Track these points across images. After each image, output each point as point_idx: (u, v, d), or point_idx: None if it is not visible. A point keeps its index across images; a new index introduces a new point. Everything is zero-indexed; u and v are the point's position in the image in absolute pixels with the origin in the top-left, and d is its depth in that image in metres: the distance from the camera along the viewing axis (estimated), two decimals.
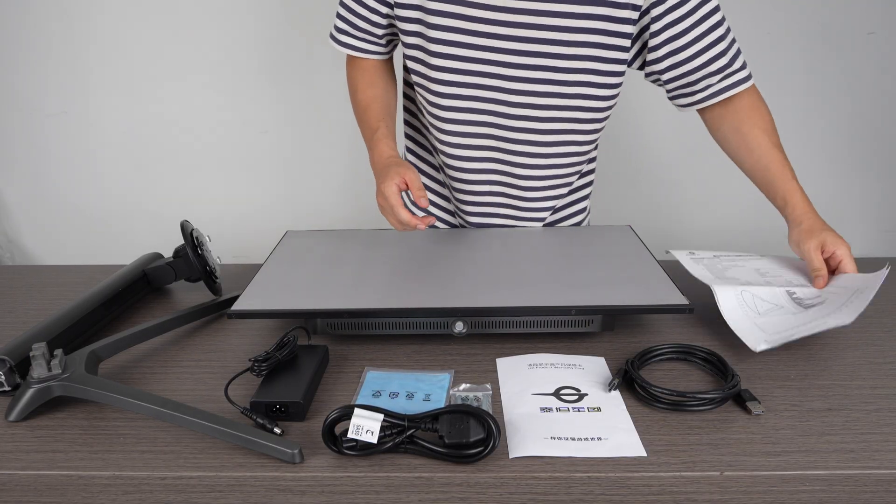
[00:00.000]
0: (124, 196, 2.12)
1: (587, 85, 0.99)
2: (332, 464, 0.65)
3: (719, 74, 1.00)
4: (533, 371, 0.80)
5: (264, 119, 2.01)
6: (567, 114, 1.02)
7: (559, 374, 0.79)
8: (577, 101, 1.00)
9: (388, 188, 0.94)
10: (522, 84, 0.99)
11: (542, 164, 1.07)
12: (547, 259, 0.98)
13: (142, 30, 1.92)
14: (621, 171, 2.01)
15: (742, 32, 1.86)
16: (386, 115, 1.09)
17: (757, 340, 0.79)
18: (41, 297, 1.05)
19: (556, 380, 0.78)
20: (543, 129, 1.03)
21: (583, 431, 0.68)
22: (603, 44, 0.96)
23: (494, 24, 0.95)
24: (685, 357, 0.82)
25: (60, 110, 2.02)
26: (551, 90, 0.99)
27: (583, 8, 0.93)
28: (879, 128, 1.96)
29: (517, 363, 0.82)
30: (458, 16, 0.95)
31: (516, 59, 0.97)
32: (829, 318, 0.81)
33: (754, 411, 0.71)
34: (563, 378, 0.78)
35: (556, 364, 0.81)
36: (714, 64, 0.99)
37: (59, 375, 0.73)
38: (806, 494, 0.62)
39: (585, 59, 0.96)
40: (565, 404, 0.73)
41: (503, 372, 0.80)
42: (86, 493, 0.64)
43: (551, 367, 0.81)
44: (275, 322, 0.94)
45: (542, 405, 0.73)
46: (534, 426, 0.70)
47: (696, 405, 0.72)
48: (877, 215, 2.07)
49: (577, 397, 0.74)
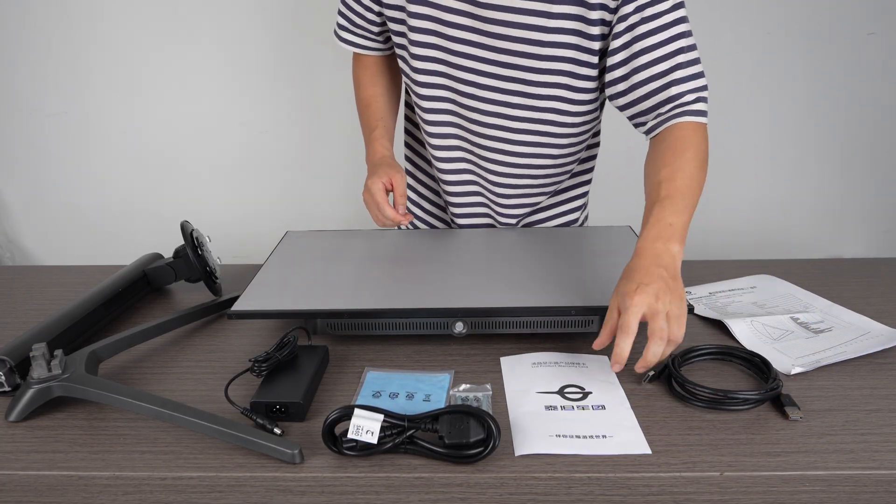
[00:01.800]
0: (124, 196, 2.12)
1: (560, 100, 0.97)
2: (332, 464, 0.65)
3: (670, 103, 0.90)
4: (537, 370, 0.80)
5: (264, 119, 2.01)
6: (539, 127, 1.01)
7: (563, 372, 0.79)
8: (550, 115, 0.99)
9: (374, 185, 1.00)
10: (494, 94, 0.98)
11: (515, 174, 1.07)
12: (547, 259, 0.98)
13: (142, 30, 1.92)
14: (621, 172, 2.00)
15: (742, 32, 1.87)
16: (385, 114, 1.11)
17: (786, 365, 0.80)
18: (41, 297, 1.05)
19: (560, 378, 0.78)
20: (515, 139, 1.02)
21: (588, 429, 0.69)
22: (576, 59, 0.93)
23: (470, 32, 0.94)
24: (726, 358, 0.82)
25: (60, 110, 2.02)
26: (523, 102, 0.98)
27: (556, 22, 0.90)
28: (879, 128, 1.96)
29: (521, 362, 0.82)
30: (435, 19, 0.94)
31: (489, 68, 0.96)
32: (860, 345, 0.83)
33: (791, 416, 0.70)
34: (568, 377, 0.78)
35: (560, 363, 0.81)
36: (667, 80, 0.89)
37: (59, 376, 0.73)
38: (806, 495, 0.62)
39: (558, 74, 0.95)
40: (570, 402, 0.73)
41: (507, 370, 0.80)
42: (86, 494, 0.64)
43: (555, 366, 0.81)
44: (275, 322, 0.94)
45: (546, 403, 0.73)
46: (538, 424, 0.70)
47: (736, 405, 0.72)
48: (877, 215, 2.07)
49: (581, 395, 0.75)
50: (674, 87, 0.89)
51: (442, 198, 1.19)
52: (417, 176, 1.21)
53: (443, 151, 1.08)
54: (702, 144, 0.87)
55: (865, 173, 2.02)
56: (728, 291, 1.01)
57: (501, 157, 1.05)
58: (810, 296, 0.98)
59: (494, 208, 1.13)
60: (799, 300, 0.97)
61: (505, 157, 1.05)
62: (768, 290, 1.01)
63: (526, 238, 1.08)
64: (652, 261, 0.75)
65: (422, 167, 1.20)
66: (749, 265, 1.10)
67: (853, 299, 0.96)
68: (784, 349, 0.83)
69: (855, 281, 1.04)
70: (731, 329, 0.88)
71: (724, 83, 1.92)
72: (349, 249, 1.03)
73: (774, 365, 0.78)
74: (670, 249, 0.76)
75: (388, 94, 1.13)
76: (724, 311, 0.94)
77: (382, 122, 1.09)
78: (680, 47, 0.88)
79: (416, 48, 0.97)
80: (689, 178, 0.83)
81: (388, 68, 1.14)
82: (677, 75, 0.89)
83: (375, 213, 1.02)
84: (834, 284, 1.02)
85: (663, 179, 0.82)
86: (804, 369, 0.78)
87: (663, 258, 0.75)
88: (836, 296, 0.97)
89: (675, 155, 0.85)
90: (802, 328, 0.88)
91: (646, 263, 0.75)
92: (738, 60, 1.86)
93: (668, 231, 0.77)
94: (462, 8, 0.92)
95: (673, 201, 0.80)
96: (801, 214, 2.05)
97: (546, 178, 1.09)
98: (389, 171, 1.02)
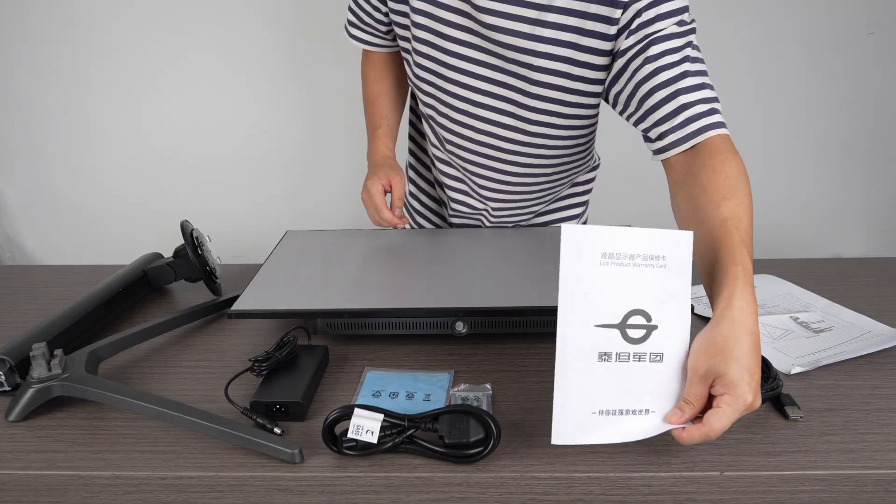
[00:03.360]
0: (124, 196, 2.12)
1: (553, 114, 0.95)
2: (332, 464, 0.65)
3: (684, 112, 0.79)
4: (606, 269, 0.61)
5: (264, 119, 2.01)
6: (532, 139, 0.98)
7: (635, 278, 0.62)
8: (543, 128, 0.97)
9: (373, 186, 1.03)
10: (487, 98, 0.95)
11: (506, 182, 1.06)
12: (548, 259, 0.98)
13: (142, 30, 1.92)
14: (621, 171, 2.00)
15: (742, 32, 1.87)
16: (390, 112, 1.11)
17: (786, 364, 0.80)
18: (41, 297, 1.05)
19: (628, 294, 0.62)
20: (506, 147, 1.00)
21: (635, 399, 0.61)
22: (569, 73, 0.89)
23: (467, 33, 0.91)
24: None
25: (60, 110, 2.02)
26: (516, 112, 0.95)
27: (551, 32, 0.86)
28: (879, 127, 1.96)
29: (589, 247, 0.61)
30: (434, 17, 0.92)
31: (485, 71, 0.93)
32: (860, 344, 0.83)
33: (791, 416, 0.70)
34: (638, 291, 0.62)
35: (635, 257, 0.62)
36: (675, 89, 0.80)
37: (59, 375, 0.73)
38: (806, 494, 0.62)
39: (552, 88, 0.91)
40: (628, 347, 0.62)
41: (568, 260, 0.60)
42: (86, 493, 0.64)
43: (630, 265, 0.62)
44: (275, 322, 0.94)
45: (601, 350, 0.61)
46: (583, 392, 0.61)
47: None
48: (877, 215, 2.07)
49: (644, 332, 0.62)
50: (683, 95, 0.80)
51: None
52: (420, 171, 1.21)
53: (438, 150, 1.08)
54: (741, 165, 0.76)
55: (865, 173, 2.02)
56: None
57: (490, 164, 1.03)
58: (810, 295, 0.98)
59: (490, 217, 1.13)
60: (799, 300, 0.97)
61: (495, 171, 1.04)
62: (768, 289, 1.01)
63: (526, 238, 1.08)
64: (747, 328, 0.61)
65: (426, 163, 1.20)
66: None
67: (853, 299, 0.96)
68: (784, 349, 0.83)
69: (855, 281, 1.04)
70: None
71: (724, 83, 1.91)
72: (349, 249, 1.03)
73: (775, 364, 0.78)
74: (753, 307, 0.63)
75: (394, 91, 1.13)
76: None
77: (386, 121, 1.10)
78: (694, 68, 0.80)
79: (417, 43, 0.96)
80: (750, 215, 0.71)
81: (395, 66, 1.14)
82: (686, 83, 0.80)
83: (372, 214, 1.05)
84: (834, 284, 1.02)
85: (728, 217, 0.69)
86: (804, 369, 0.78)
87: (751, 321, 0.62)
88: (836, 296, 0.97)
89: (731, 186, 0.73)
90: (802, 328, 0.88)
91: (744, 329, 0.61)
92: (739, 60, 1.86)
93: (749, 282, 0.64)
94: (461, 7, 0.90)
95: (745, 246, 0.67)
96: (801, 214, 2.06)
97: (538, 189, 1.08)
98: (390, 172, 1.03)
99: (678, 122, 0.79)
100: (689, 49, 0.81)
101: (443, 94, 0.98)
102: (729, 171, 0.74)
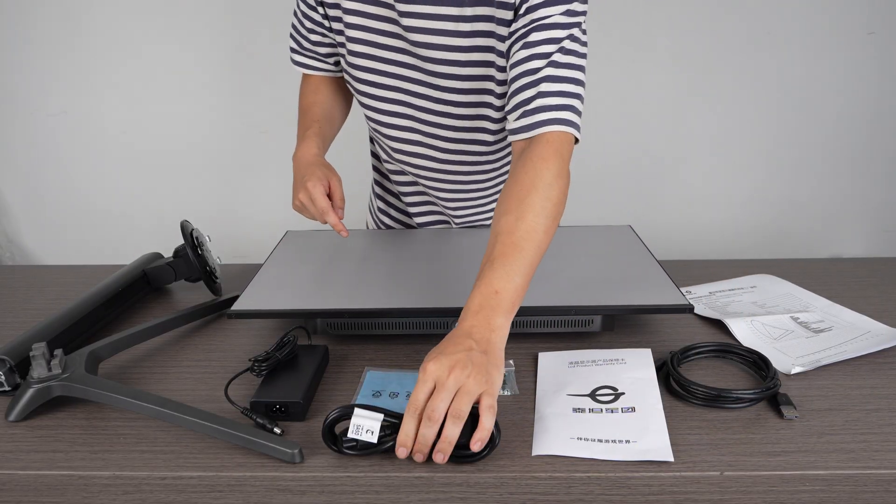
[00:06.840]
0: (124, 196, 2.12)
1: (486, 106, 0.96)
2: (332, 464, 0.65)
3: (521, 108, 0.83)
4: (574, 370, 0.79)
5: (264, 119, 2.01)
6: (467, 135, 1.01)
7: (600, 372, 0.78)
8: (478, 121, 0.98)
9: (314, 188, 0.91)
10: (437, 115, 0.98)
11: (462, 189, 1.08)
12: (547, 259, 0.98)
13: (142, 30, 1.92)
14: (621, 171, 2.01)
15: (742, 32, 1.87)
16: (323, 119, 1.06)
17: (786, 364, 0.80)
18: (41, 297, 1.05)
19: (594, 379, 0.76)
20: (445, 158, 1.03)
21: (612, 433, 0.67)
22: (495, 63, 0.91)
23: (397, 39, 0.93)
24: (725, 355, 0.82)
25: (60, 110, 2.02)
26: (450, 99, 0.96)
27: (469, 25, 0.88)
28: (879, 127, 1.96)
29: (559, 361, 0.81)
30: (367, 29, 0.93)
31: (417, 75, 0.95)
32: (860, 344, 0.83)
33: (786, 415, 0.70)
34: (603, 377, 0.77)
35: (598, 361, 0.80)
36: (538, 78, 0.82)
37: (59, 375, 0.73)
38: (806, 494, 0.62)
39: (481, 80, 0.93)
40: (599, 405, 0.72)
41: (543, 369, 0.80)
42: (86, 493, 0.64)
43: (592, 365, 0.79)
44: (275, 322, 0.94)
45: (575, 406, 0.72)
46: (562, 426, 0.69)
47: (731, 403, 0.72)
48: (877, 215, 2.07)
49: (612, 397, 0.73)
50: (544, 84, 0.81)
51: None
52: (386, 186, 1.22)
53: (390, 164, 1.10)
54: (560, 177, 0.78)
55: (865, 173, 2.02)
56: (728, 291, 1.01)
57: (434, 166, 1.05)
58: (810, 295, 0.98)
59: (454, 218, 1.14)
60: (799, 300, 0.97)
61: (442, 171, 1.06)
62: (768, 289, 1.01)
63: None
64: (465, 332, 0.67)
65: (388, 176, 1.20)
66: (749, 265, 1.10)
67: (853, 299, 0.96)
68: (784, 349, 0.83)
69: (855, 281, 1.04)
70: (731, 328, 0.88)
71: (725, 83, 1.92)
72: (349, 249, 1.03)
73: (774, 364, 0.78)
74: (491, 322, 0.68)
75: (328, 103, 1.09)
76: (724, 311, 0.94)
77: (318, 125, 1.04)
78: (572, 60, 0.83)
79: (352, 58, 0.97)
80: (532, 229, 0.74)
81: (332, 84, 1.11)
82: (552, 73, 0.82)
83: (316, 216, 0.94)
84: (834, 284, 1.02)
85: (501, 231, 0.74)
86: (804, 369, 0.78)
87: (478, 331, 0.67)
88: (836, 296, 0.97)
89: (522, 196, 0.76)
90: (802, 328, 0.88)
91: (458, 333, 0.68)
92: (739, 60, 1.86)
93: (494, 300, 0.69)
94: (388, 15, 0.90)
95: (506, 261, 0.71)
96: (801, 214, 2.06)
97: (488, 179, 1.10)
98: (327, 172, 0.95)
99: (530, 109, 0.82)
100: (569, 41, 0.82)
101: (381, 104, 1.00)
102: (525, 182, 0.77)
